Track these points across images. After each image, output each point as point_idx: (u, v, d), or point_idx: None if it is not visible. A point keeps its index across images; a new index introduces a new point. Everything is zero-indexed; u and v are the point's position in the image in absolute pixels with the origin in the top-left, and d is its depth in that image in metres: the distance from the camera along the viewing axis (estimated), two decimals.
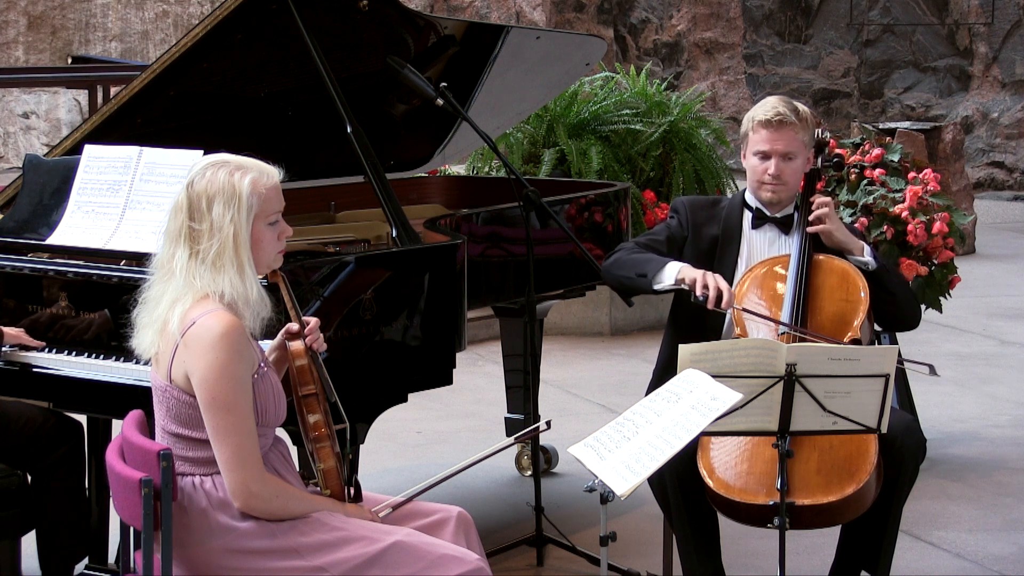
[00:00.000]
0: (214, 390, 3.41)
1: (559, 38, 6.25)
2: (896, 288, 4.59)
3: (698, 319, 4.51)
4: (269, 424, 3.55)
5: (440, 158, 5.92)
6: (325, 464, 3.55)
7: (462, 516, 3.66)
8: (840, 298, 4.43)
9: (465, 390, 7.18)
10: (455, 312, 4.58)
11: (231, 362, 3.41)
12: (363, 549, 3.45)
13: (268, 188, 3.53)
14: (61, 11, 13.99)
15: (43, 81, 12.26)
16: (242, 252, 3.48)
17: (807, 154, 4.58)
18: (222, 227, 3.46)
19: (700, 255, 4.58)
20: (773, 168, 4.51)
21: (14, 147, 13.94)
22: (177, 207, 3.52)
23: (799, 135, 4.52)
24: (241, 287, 3.47)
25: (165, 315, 3.49)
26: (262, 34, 4.89)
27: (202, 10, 13.88)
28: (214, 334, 3.41)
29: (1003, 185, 14.34)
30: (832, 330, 4.37)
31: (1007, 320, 9.20)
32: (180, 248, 3.50)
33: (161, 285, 3.53)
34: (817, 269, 4.48)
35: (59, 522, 4.43)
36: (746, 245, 4.60)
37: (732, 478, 4.13)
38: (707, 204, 4.71)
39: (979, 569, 5.19)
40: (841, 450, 4.12)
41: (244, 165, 3.53)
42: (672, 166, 8.79)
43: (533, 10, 14.53)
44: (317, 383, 3.59)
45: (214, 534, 3.46)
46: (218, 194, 3.47)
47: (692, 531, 4.32)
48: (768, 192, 4.54)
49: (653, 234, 4.70)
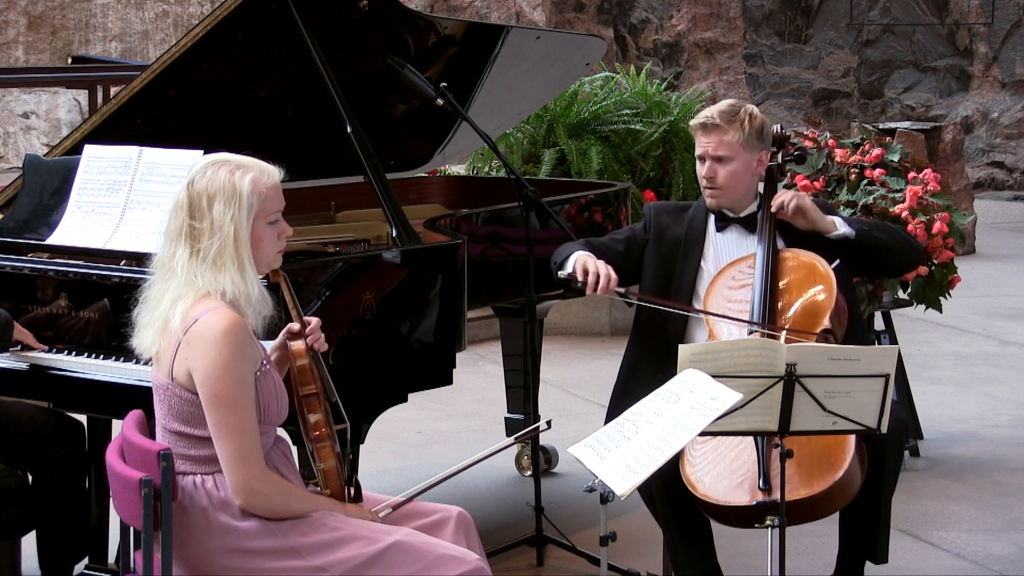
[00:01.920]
0: (216, 387, 3.41)
1: (559, 38, 6.25)
2: (886, 240, 4.58)
3: (658, 324, 4.53)
4: (271, 422, 3.55)
5: (440, 158, 5.92)
6: (325, 464, 3.55)
7: (462, 516, 3.66)
8: (808, 291, 4.42)
9: (465, 390, 7.18)
10: (455, 312, 4.58)
11: (234, 359, 3.41)
12: (363, 549, 3.45)
13: (268, 187, 3.53)
14: (61, 11, 13.99)
15: (43, 81, 12.26)
16: (243, 251, 3.48)
17: (749, 155, 4.53)
18: (223, 226, 3.46)
19: (662, 257, 4.62)
20: (706, 171, 4.52)
21: (14, 147, 13.94)
22: (178, 206, 3.52)
23: (729, 137, 4.49)
24: (242, 285, 3.47)
25: (166, 314, 3.48)
26: (262, 34, 4.89)
27: (202, 10, 13.88)
28: (217, 331, 3.41)
29: (1003, 185, 14.34)
30: (803, 324, 4.36)
31: (1007, 320, 9.20)
32: (181, 247, 3.50)
33: (162, 284, 3.53)
34: (783, 265, 4.47)
35: (59, 522, 4.43)
36: (712, 248, 4.61)
37: (714, 484, 4.12)
38: (674, 209, 4.75)
39: (979, 569, 5.19)
40: (818, 442, 4.10)
41: (244, 164, 3.53)
42: (672, 166, 8.79)
43: (533, 10, 14.53)
44: (318, 383, 3.59)
45: (214, 534, 3.46)
46: (219, 192, 3.47)
47: (680, 533, 4.32)
48: (708, 197, 4.57)
49: (614, 234, 4.80)
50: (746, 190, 4.57)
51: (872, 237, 4.54)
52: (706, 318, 4.43)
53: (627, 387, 4.59)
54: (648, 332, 4.62)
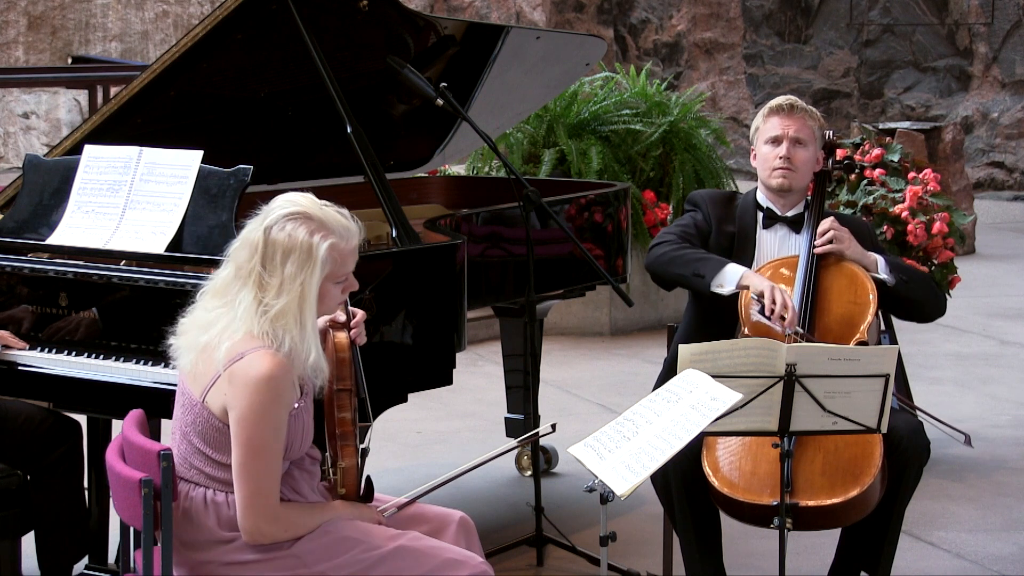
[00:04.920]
0: (250, 431, 3.36)
1: (559, 38, 6.25)
2: (919, 294, 4.60)
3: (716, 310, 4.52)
4: (294, 455, 3.52)
5: (440, 158, 5.91)
6: (347, 462, 3.54)
7: (464, 521, 3.64)
8: (848, 300, 4.43)
9: (465, 390, 7.18)
10: (455, 312, 4.58)
11: (272, 406, 3.37)
12: (366, 554, 3.44)
13: (346, 252, 3.48)
14: (61, 11, 13.99)
15: (43, 81, 12.26)
16: (307, 312, 3.42)
17: (817, 148, 4.62)
18: (291, 288, 3.40)
19: (720, 249, 4.61)
20: (784, 151, 4.54)
21: (14, 147, 13.94)
22: (252, 246, 3.44)
23: (809, 123, 4.60)
24: (300, 346, 3.41)
25: (213, 341, 3.43)
26: (262, 34, 4.89)
27: (202, 10, 13.88)
28: (260, 375, 3.35)
29: (1003, 185, 14.34)
30: (839, 332, 4.38)
31: (1007, 320, 9.20)
32: (247, 289, 3.43)
33: (218, 310, 3.46)
34: (825, 270, 4.48)
35: (57, 522, 4.43)
36: (757, 244, 4.62)
37: (736, 477, 4.13)
38: (724, 200, 4.74)
39: (979, 569, 5.19)
40: (846, 452, 4.11)
41: (327, 225, 3.45)
42: (672, 166, 8.79)
43: (533, 10, 14.53)
44: (352, 378, 3.57)
45: (218, 545, 3.45)
46: (294, 251, 3.41)
47: (695, 530, 4.32)
48: (779, 177, 4.56)
49: (683, 226, 4.70)
50: (807, 183, 4.63)
51: (909, 290, 4.57)
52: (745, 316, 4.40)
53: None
54: (700, 325, 4.60)
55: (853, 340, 4.33)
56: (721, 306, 4.48)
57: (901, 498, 4.28)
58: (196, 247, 4.32)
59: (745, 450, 4.17)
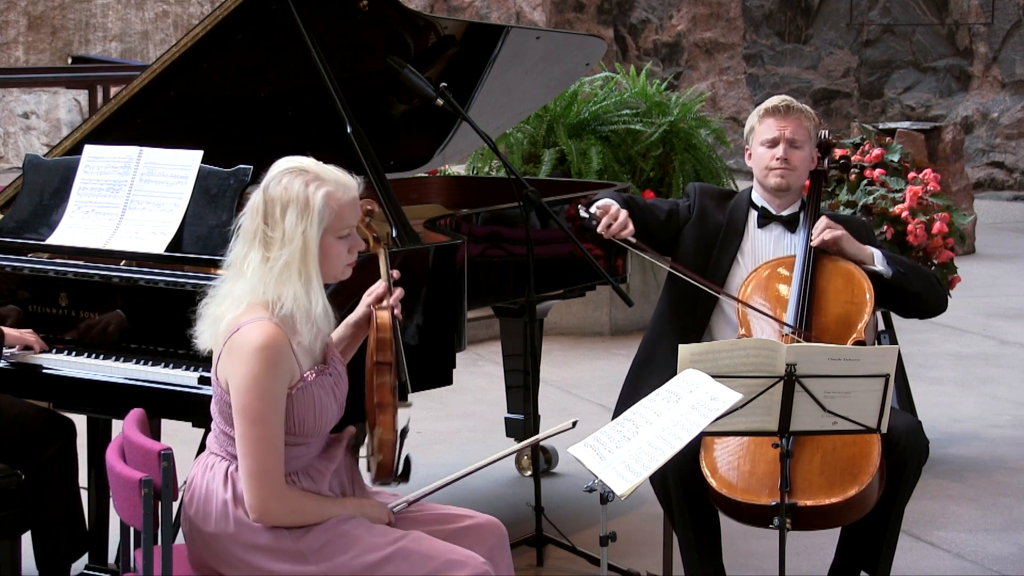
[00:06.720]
0: (244, 400, 3.39)
1: (559, 38, 6.25)
2: (918, 286, 4.60)
3: (688, 302, 4.56)
4: (308, 435, 3.52)
5: (440, 158, 5.91)
6: (385, 434, 3.56)
7: (496, 528, 3.68)
8: (845, 300, 4.44)
9: (465, 390, 7.17)
10: (455, 312, 4.58)
11: (265, 376, 3.39)
12: (368, 554, 3.45)
13: (343, 203, 3.50)
14: (61, 11, 13.99)
15: (43, 81, 12.26)
16: (310, 264, 3.45)
17: (812, 148, 4.64)
18: (293, 238, 3.44)
19: (702, 239, 4.63)
20: (781, 152, 4.56)
21: (14, 147, 13.94)
22: (253, 209, 3.49)
23: (805, 123, 4.62)
24: (305, 300, 3.44)
25: (222, 313, 3.48)
26: (262, 34, 4.89)
27: (202, 10, 13.88)
28: (252, 345, 3.39)
29: (1003, 185, 14.34)
30: (836, 332, 4.38)
31: (1007, 320, 9.20)
32: (254, 250, 3.48)
33: (230, 283, 3.51)
34: (822, 270, 4.49)
35: (53, 520, 4.42)
36: (750, 243, 4.63)
37: (735, 478, 4.13)
38: (719, 194, 4.80)
39: (979, 569, 5.19)
40: (844, 452, 4.11)
41: (322, 176, 3.49)
42: (672, 166, 8.79)
43: (533, 10, 14.53)
44: (394, 357, 3.59)
45: (228, 524, 3.45)
46: (292, 203, 3.45)
47: (694, 531, 4.33)
48: (777, 177, 4.58)
49: (657, 201, 4.86)
50: (803, 182, 4.66)
51: (907, 281, 4.57)
52: (742, 311, 4.43)
53: (648, 361, 4.66)
54: (674, 311, 4.63)
55: (850, 339, 4.33)
56: (694, 294, 4.50)
57: (900, 497, 4.28)
58: (196, 247, 4.32)
59: (743, 450, 4.17)
